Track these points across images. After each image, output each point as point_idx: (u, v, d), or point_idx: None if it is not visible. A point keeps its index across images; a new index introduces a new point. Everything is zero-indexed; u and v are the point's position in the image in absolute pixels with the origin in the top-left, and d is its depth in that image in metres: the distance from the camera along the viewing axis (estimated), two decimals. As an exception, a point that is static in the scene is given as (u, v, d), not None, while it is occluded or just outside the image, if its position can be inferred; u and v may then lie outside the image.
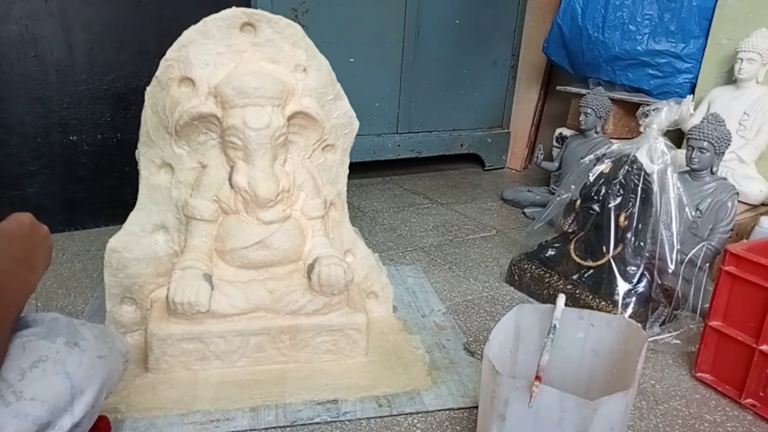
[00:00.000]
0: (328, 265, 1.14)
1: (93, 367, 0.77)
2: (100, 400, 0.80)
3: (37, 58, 1.68)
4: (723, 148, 1.52)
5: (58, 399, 0.72)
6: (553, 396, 0.77)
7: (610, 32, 2.23)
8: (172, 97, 1.14)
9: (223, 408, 1.05)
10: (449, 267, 1.75)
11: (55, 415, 0.72)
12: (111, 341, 0.83)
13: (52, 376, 0.72)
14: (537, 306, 1.02)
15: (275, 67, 1.17)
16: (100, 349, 0.79)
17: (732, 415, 1.14)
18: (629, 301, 1.38)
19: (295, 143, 1.23)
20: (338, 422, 1.05)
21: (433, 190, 2.59)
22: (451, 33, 2.63)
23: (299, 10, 2.20)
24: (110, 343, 0.82)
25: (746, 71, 1.86)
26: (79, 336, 0.78)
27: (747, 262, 1.14)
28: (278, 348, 1.17)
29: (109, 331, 0.88)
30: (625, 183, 1.42)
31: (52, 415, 0.71)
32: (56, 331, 0.77)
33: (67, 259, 1.69)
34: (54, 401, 0.72)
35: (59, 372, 0.73)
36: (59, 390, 0.73)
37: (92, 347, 0.78)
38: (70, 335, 0.78)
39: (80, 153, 1.82)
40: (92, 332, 0.81)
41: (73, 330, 0.79)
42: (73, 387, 0.74)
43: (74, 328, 0.80)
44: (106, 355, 0.80)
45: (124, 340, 0.88)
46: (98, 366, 0.78)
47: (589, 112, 2.11)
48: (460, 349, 1.29)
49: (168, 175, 1.21)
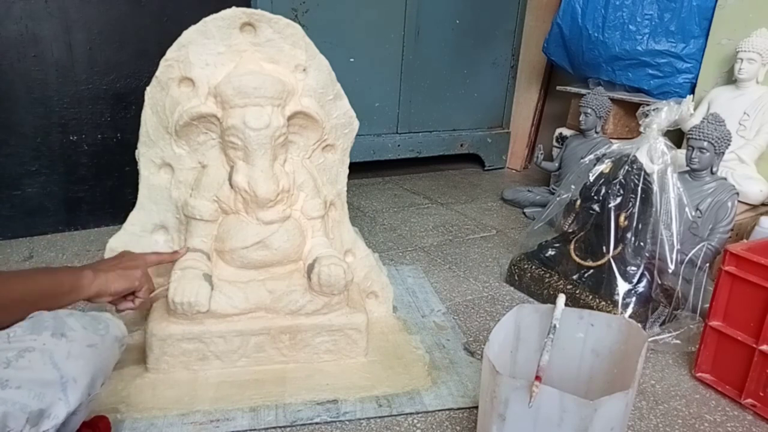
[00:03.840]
0: (328, 265, 1.14)
1: (83, 356, 0.77)
2: (95, 387, 0.80)
3: (37, 58, 1.68)
4: (723, 148, 1.52)
5: (47, 388, 0.72)
6: (553, 396, 0.77)
7: (610, 32, 2.23)
8: (172, 97, 1.14)
9: (222, 408, 1.05)
10: (449, 267, 1.75)
11: (46, 403, 0.72)
12: (104, 328, 0.83)
13: (39, 367, 0.72)
14: (537, 306, 1.02)
15: (275, 67, 1.17)
16: (89, 338, 0.79)
17: (732, 415, 1.14)
18: (629, 301, 1.38)
19: (295, 143, 1.23)
20: (338, 422, 1.05)
21: (433, 190, 2.59)
22: (451, 33, 2.63)
23: (299, 10, 2.20)
24: (102, 330, 0.82)
25: (746, 71, 1.87)
26: (66, 327, 0.79)
27: (747, 262, 1.14)
28: (278, 348, 1.17)
29: (104, 317, 0.88)
30: (625, 183, 1.42)
31: (43, 404, 0.71)
32: (42, 325, 0.78)
33: (67, 259, 1.69)
34: (42, 390, 0.72)
35: (46, 363, 0.73)
36: (47, 379, 0.73)
37: (81, 337, 0.78)
38: (57, 327, 0.78)
39: (80, 153, 1.82)
40: (80, 322, 0.82)
41: (59, 322, 0.79)
42: (63, 377, 0.74)
43: (60, 320, 0.80)
44: (97, 343, 0.80)
45: (120, 325, 0.88)
46: (89, 355, 0.78)
47: (589, 112, 2.11)
48: (460, 349, 1.29)
49: (168, 175, 1.21)
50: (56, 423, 0.73)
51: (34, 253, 1.71)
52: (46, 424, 0.72)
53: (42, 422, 0.71)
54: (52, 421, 0.72)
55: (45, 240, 1.80)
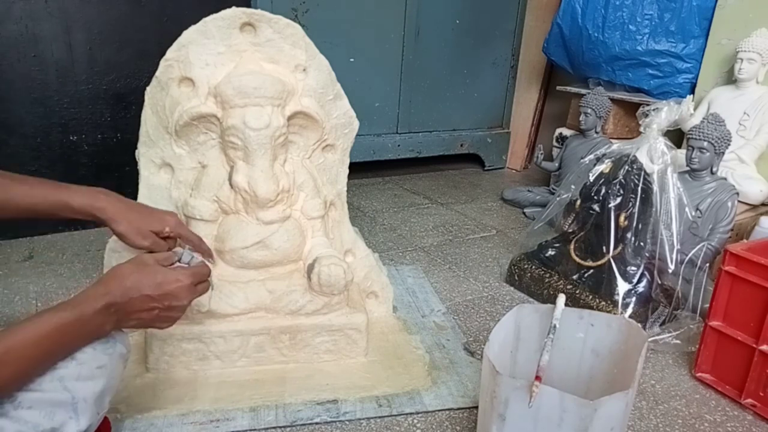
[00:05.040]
0: (328, 265, 1.14)
1: (92, 378, 0.78)
2: (103, 406, 0.81)
3: (37, 58, 1.68)
4: (723, 148, 1.52)
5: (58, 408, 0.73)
6: (553, 396, 0.77)
7: (610, 32, 2.23)
8: (172, 97, 1.14)
9: (222, 408, 1.05)
10: (449, 267, 1.75)
11: (57, 422, 0.73)
12: (111, 346, 0.81)
13: (49, 388, 0.73)
14: (537, 306, 1.02)
15: (275, 67, 1.17)
16: (99, 359, 0.79)
17: (732, 415, 1.14)
18: (629, 301, 1.38)
19: (295, 143, 1.23)
20: (338, 422, 1.05)
21: (433, 190, 2.58)
22: (451, 33, 2.63)
23: (299, 10, 2.20)
24: (110, 350, 0.81)
25: (746, 71, 1.86)
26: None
27: (747, 262, 1.14)
28: (278, 348, 1.17)
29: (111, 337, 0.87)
30: (625, 183, 1.42)
31: (54, 422, 0.73)
32: None
33: (67, 260, 1.69)
34: (53, 409, 0.73)
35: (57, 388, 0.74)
36: (58, 400, 0.74)
37: (90, 358, 0.78)
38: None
39: (80, 153, 1.82)
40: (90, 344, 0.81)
41: None
42: (74, 398, 0.75)
43: None
44: (106, 364, 0.80)
45: (125, 340, 0.88)
46: (98, 375, 0.78)
47: (589, 112, 2.11)
48: (460, 349, 1.29)
49: (168, 175, 1.21)
50: None
51: (34, 253, 1.71)
52: None
53: None
54: None
55: (45, 240, 1.80)
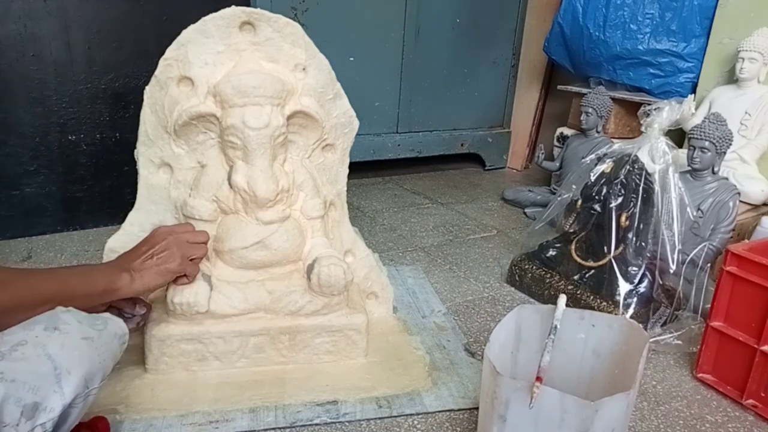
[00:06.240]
0: (328, 266, 1.13)
1: (78, 347, 0.77)
2: (93, 382, 0.79)
3: (35, 57, 1.68)
4: (724, 148, 1.52)
5: (42, 380, 0.72)
6: (553, 397, 0.77)
7: (611, 31, 2.22)
8: (171, 97, 1.14)
9: (222, 409, 1.05)
10: (449, 267, 1.75)
11: (41, 396, 0.71)
12: (101, 324, 0.82)
13: (32, 359, 0.72)
14: (538, 306, 1.02)
15: (275, 66, 1.16)
16: (84, 331, 0.79)
17: (733, 416, 1.13)
18: (630, 302, 1.38)
19: (294, 143, 1.22)
20: (338, 423, 1.04)
21: (434, 190, 2.58)
22: (452, 32, 2.62)
23: (299, 9, 2.20)
24: (99, 326, 0.82)
25: (748, 71, 1.86)
26: (59, 321, 0.79)
27: (748, 262, 1.14)
28: (277, 349, 1.17)
29: (103, 316, 0.87)
30: (627, 183, 1.41)
31: (38, 396, 0.71)
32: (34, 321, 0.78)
33: (65, 259, 1.68)
34: (36, 382, 0.71)
35: (40, 354, 0.73)
36: (42, 371, 0.72)
37: (75, 330, 0.78)
38: (50, 322, 0.78)
39: (79, 153, 1.81)
40: (76, 317, 0.82)
41: (52, 317, 0.79)
42: (57, 368, 0.74)
43: (54, 315, 0.80)
44: (93, 336, 0.80)
45: (119, 322, 0.88)
46: (84, 347, 0.78)
47: (590, 112, 2.11)
48: (461, 350, 1.29)
49: (167, 174, 1.21)
50: (53, 416, 0.72)
51: (32, 254, 1.71)
52: (42, 417, 0.71)
53: (38, 415, 0.71)
54: (48, 414, 0.72)
55: (43, 240, 1.80)
